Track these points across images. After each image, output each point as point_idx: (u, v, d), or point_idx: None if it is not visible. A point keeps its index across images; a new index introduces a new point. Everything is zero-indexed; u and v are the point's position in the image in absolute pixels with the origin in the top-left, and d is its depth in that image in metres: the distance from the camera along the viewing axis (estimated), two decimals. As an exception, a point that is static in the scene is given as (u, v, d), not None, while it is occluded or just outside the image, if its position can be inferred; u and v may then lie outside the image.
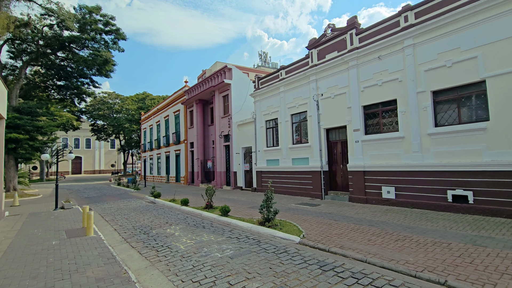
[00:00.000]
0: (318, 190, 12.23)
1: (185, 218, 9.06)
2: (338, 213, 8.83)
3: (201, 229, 7.36)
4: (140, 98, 49.47)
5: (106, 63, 21.74)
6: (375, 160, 10.15)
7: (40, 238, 6.82)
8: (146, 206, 12.19)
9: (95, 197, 17.01)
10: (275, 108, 15.07)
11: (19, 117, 17.87)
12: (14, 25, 15.11)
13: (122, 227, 8.09)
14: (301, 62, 13.59)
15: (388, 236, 5.92)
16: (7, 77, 21.16)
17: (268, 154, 15.57)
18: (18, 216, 10.38)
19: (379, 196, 9.88)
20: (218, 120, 20.30)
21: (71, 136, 62.27)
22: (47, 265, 4.77)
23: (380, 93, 10.04)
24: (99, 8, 20.10)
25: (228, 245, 5.77)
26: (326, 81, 12.12)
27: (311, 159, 12.82)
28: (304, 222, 7.73)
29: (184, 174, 25.34)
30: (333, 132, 12.26)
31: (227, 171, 19.74)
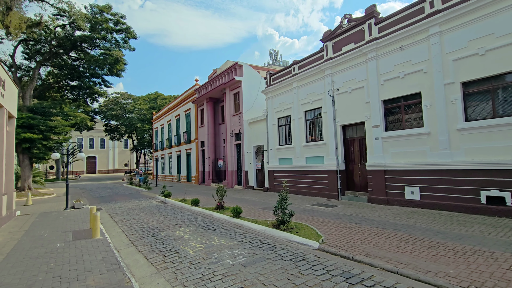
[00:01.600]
0: (334, 190, 11.61)
1: (195, 220, 8.67)
2: (357, 215, 8.22)
3: (211, 232, 6.93)
4: (152, 98, 49.84)
5: (117, 62, 21.74)
6: (397, 158, 9.45)
7: (46, 239, 6.56)
8: (156, 206, 11.91)
9: (106, 197, 16.95)
10: (287, 104, 14.51)
11: (32, 117, 18.03)
12: (26, 25, 15.18)
13: (130, 229, 7.78)
14: (315, 56, 12.98)
15: (418, 243, 5.30)
16: (22, 78, 21.49)
17: (280, 152, 15.04)
18: (28, 215, 10.29)
19: (402, 197, 9.18)
20: (229, 119, 19.90)
21: (85, 136, 63.57)
22: (47, 271, 4.44)
23: (402, 86, 9.32)
24: (110, 7, 20.08)
25: (241, 251, 5.30)
26: (342, 75, 11.47)
27: (326, 157, 12.20)
28: (321, 225, 7.17)
29: (195, 174, 25.13)
30: (350, 129, 11.60)
31: (238, 170, 19.32)
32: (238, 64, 18.69)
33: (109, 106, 48.03)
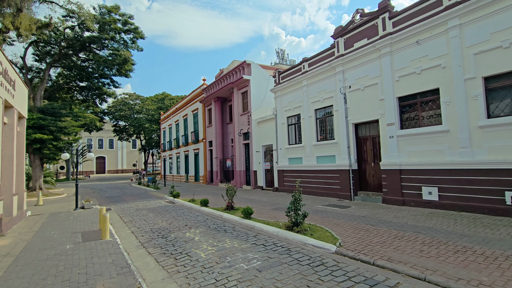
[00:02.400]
0: (346, 191, 11.29)
1: (205, 220, 8.49)
2: (373, 216, 7.90)
3: (222, 234, 6.73)
4: (160, 98, 50.09)
5: (125, 63, 21.80)
6: (413, 157, 9.08)
7: (55, 241, 6.47)
8: (165, 207, 11.80)
9: (115, 197, 16.97)
10: (297, 103, 14.22)
11: (43, 117, 18.20)
12: (36, 26, 15.28)
13: (139, 230, 7.64)
14: (326, 53, 12.66)
15: (443, 247, 4.98)
16: (33, 80, 21.76)
17: (290, 152, 14.76)
18: (39, 216, 10.29)
19: (419, 198, 8.82)
20: (237, 118, 19.72)
21: (95, 137, 64.40)
22: (55, 274, 4.30)
23: (418, 82, 8.95)
24: (118, 7, 20.14)
25: (254, 254, 5.08)
26: (355, 71, 11.13)
27: (338, 156, 11.88)
28: (336, 226, 6.89)
29: (203, 173, 25.04)
30: (362, 127, 11.26)
31: (247, 170, 19.12)
32: (246, 63, 18.49)
33: (117, 106, 48.49)
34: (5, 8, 14.11)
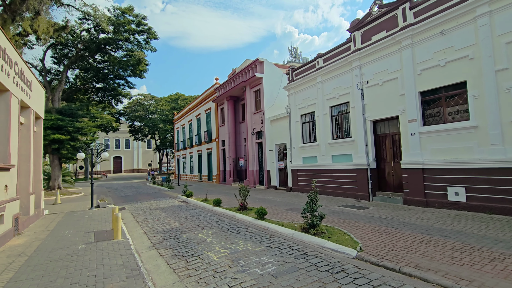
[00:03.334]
0: (364, 191, 10.81)
1: (217, 221, 8.29)
2: (394, 218, 7.45)
3: (235, 235, 6.50)
4: (173, 98, 50.67)
5: (139, 63, 22.05)
6: (437, 155, 8.52)
7: (69, 240, 6.45)
8: (178, 206, 11.72)
9: (130, 196, 17.14)
10: (311, 100, 13.81)
11: (61, 118, 18.65)
12: (53, 29, 15.63)
13: (152, 230, 7.54)
14: (341, 47, 12.19)
15: (476, 253, 4.53)
16: (52, 82, 22.38)
17: (304, 151, 14.38)
18: (56, 214, 10.44)
19: (444, 198, 8.26)
20: (250, 117, 19.49)
21: (112, 137, 65.94)
22: (65, 276, 4.19)
23: (443, 75, 8.38)
24: (132, 8, 20.37)
25: (269, 258, 4.80)
26: (373, 66, 10.63)
27: (355, 155, 11.41)
28: (355, 229, 6.51)
29: (216, 173, 25.00)
30: (381, 124, 10.74)
31: (260, 169, 18.86)
32: (258, 61, 18.22)
33: (133, 107, 49.44)
34: (24, 12, 14.49)
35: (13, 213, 7.02)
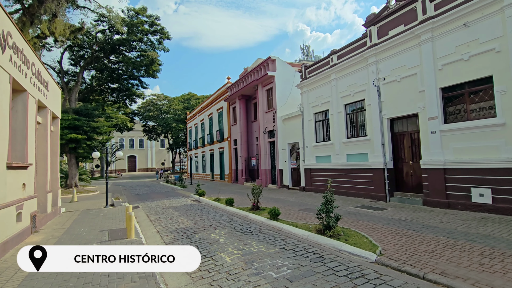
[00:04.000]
0: (380, 191, 10.45)
1: (230, 221, 8.19)
2: (414, 220, 7.11)
3: (248, 236, 6.37)
4: (186, 98, 51.17)
5: (152, 63, 22.32)
6: (460, 154, 8.09)
7: (83, 239, 6.50)
8: (191, 205, 11.72)
9: (144, 194, 17.35)
10: (325, 98, 13.50)
11: (77, 118, 19.11)
12: (69, 30, 15.99)
13: (165, 229, 7.52)
14: (356, 43, 11.83)
15: (508, 260, 4.21)
16: (69, 83, 22.98)
17: (317, 150, 14.09)
18: (72, 212, 10.64)
19: (467, 200, 7.83)
20: (262, 116, 19.32)
21: (126, 137, 67.43)
22: (79, 275, 4.18)
23: (466, 70, 7.94)
24: (145, 9, 20.62)
25: (284, 260, 4.64)
26: (390, 62, 10.24)
27: (370, 154, 11.05)
28: (373, 231, 6.25)
29: (228, 172, 25.00)
30: (398, 122, 10.34)
31: (272, 168, 18.68)
32: (270, 59, 18.01)
33: (146, 107, 50.29)
34: (42, 15, 14.88)
35: (31, 211, 7.16)
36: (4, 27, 5.47)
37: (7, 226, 5.60)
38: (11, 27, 5.83)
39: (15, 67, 6.07)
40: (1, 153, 5.40)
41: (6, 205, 5.52)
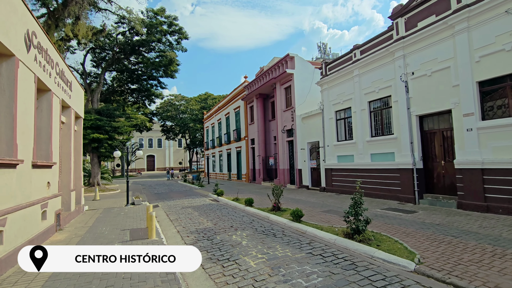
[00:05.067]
0: (409, 193, 9.85)
1: (251, 222, 7.96)
2: (450, 225, 6.57)
3: (272, 238, 6.10)
4: (203, 98, 51.60)
5: (171, 63, 22.55)
6: (501, 153, 7.42)
7: (105, 238, 6.48)
8: (210, 205, 11.61)
9: (163, 193, 17.51)
10: (347, 95, 12.98)
11: (99, 118, 19.60)
12: (91, 32, 16.37)
13: (185, 229, 7.40)
14: (381, 37, 11.25)
15: None
16: (91, 84, 23.65)
17: (339, 149, 13.59)
18: (94, 211, 10.81)
19: (510, 204, 7.15)
20: (280, 114, 18.98)
21: (145, 137, 69.03)
22: (101, 277, 4.07)
23: (508, 61, 7.25)
24: (164, 9, 20.83)
25: (313, 267, 4.33)
26: (419, 55, 9.63)
27: (397, 154, 10.46)
28: (407, 236, 5.79)
29: (245, 172, 24.85)
30: (429, 119, 9.71)
31: (291, 168, 18.29)
32: (289, 56, 17.64)
33: (164, 107, 51.20)
34: (66, 19, 15.32)
35: (55, 209, 7.25)
36: (29, 27, 5.50)
37: (32, 224, 5.64)
38: (35, 27, 5.87)
39: (39, 67, 6.12)
40: (27, 152, 5.44)
41: (31, 204, 5.56)
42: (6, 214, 4.46)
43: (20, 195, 5.07)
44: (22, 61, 5.17)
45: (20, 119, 5.07)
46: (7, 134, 4.73)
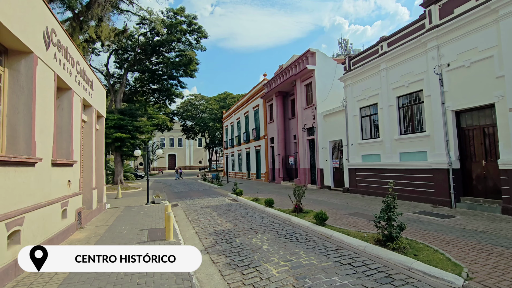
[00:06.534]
0: (443, 195, 9.04)
1: (271, 224, 7.58)
2: (497, 233, 5.82)
3: (294, 243, 5.69)
4: (222, 97, 51.82)
5: (190, 62, 22.64)
6: (557, 153, 6.52)
7: (124, 238, 6.37)
8: (229, 205, 11.37)
9: (182, 192, 17.56)
10: (373, 91, 12.24)
11: (122, 118, 20.02)
12: (114, 33, 16.70)
13: (203, 230, 7.16)
14: (411, 27, 10.45)
15: None
16: (115, 85, 24.29)
17: (364, 148, 12.86)
18: (116, 209, 10.90)
19: None
20: (301, 112, 18.42)
21: (167, 136, 70.66)
22: (115, 282, 3.88)
23: None
24: (183, 9, 20.92)
25: (342, 279, 3.88)
26: (455, 45, 8.78)
27: (430, 153, 9.65)
28: (447, 245, 5.17)
29: (264, 171, 24.50)
30: (467, 115, 8.84)
31: (312, 168, 17.70)
32: (310, 52, 17.03)
33: (185, 107, 51.98)
34: (89, 21, 15.70)
35: (76, 208, 7.27)
36: (48, 24, 5.46)
37: (52, 223, 5.61)
38: (55, 24, 5.84)
39: (59, 65, 6.10)
40: (46, 150, 5.40)
41: (51, 202, 5.52)
42: (23, 213, 4.39)
43: (39, 193, 5.02)
44: (41, 58, 5.12)
45: (39, 117, 5.02)
46: (26, 132, 4.68)
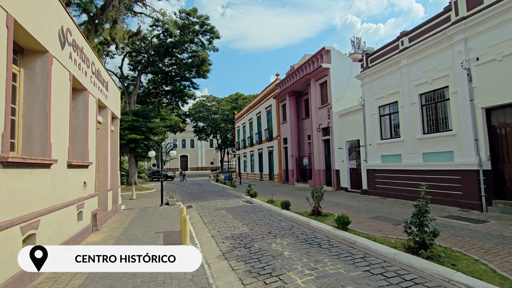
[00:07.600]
0: (473, 198, 8.48)
1: (290, 228, 7.27)
2: (541, 240, 5.31)
3: (317, 249, 5.36)
4: (233, 98, 51.79)
5: (203, 63, 22.63)
6: None
7: (139, 241, 6.22)
8: (244, 207, 11.12)
9: (196, 193, 17.46)
10: (393, 88, 11.72)
11: (136, 119, 20.17)
12: (128, 35, 16.82)
13: (220, 234, 6.93)
14: (435, 20, 9.92)
15: None
16: (129, 87, 24.58)
17: (383, 148, 12.35)
18: (130, 210, 10.86)
19: None
20: (315, 112, 17.99)
21: (179, 138, 71.34)
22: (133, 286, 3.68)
23: None
24: (196, 10, 20.93)
25: (376, 291, 3.54)
26: (485, 37, 8.22)
27: (457, 153, 9.09)
28: (486, 254, 4.72)
29: (277, 172, 24.15)
30: (499, 112, 8.25)
31: (327, 169, 17.23)
32: (325, 50, 16.61)
33: (197, 109, 52.26)
34: (104, 23, 15.86)
35: (92, 210, 7.19)
36: (63, 23, 5.37)
37: (68, 226, 5.51)
38: (70, 24, 5.76)
39: (74, 65, 6.02)
40: (62, 151, 5.31)
41: (67, 205, 5.42)
42: (39, 216, 4.27)
43: (54, 196, 4.92)
44: (56, 58, 5.03)
45: (54, 118, 4.92)
46: (41, 133, 4.57)
